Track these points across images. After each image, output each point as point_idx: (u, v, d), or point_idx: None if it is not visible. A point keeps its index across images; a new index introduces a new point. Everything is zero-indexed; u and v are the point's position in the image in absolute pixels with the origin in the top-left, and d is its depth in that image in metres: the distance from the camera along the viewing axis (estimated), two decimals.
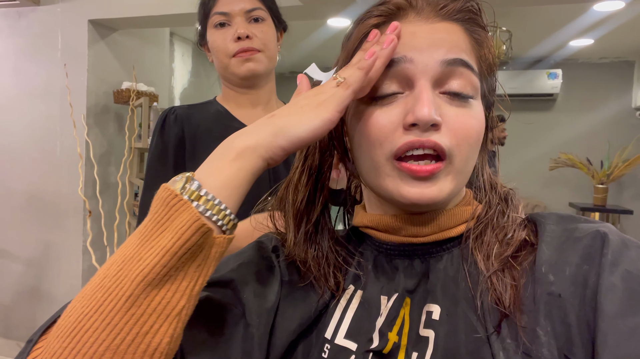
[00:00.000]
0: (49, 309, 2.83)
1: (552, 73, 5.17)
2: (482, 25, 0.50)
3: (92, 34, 2.71)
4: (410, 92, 0.46)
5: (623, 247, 0.41)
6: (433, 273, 0.49)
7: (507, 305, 0.43)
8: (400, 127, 0.46)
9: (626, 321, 0.37)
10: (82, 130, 2.65)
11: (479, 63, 0.49)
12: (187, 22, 2.74)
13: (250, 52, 1.00)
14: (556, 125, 5.37)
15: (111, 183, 2.84)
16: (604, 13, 3.70)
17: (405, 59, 0.46)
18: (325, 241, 0.55)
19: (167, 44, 3.43)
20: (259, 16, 1.02)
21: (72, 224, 2.75)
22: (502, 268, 0.45)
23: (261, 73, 1.04)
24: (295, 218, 0.55)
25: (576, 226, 0.45)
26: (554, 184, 5.38)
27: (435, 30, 0.47)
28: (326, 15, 2.49)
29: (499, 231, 0.49)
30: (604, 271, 0.40)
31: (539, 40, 4.65)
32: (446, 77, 0.46)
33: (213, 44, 1.03)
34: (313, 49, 5.14)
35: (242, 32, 0.99)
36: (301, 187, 0.55)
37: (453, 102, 0.46)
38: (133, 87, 2.72)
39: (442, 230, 0.50)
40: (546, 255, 0.44)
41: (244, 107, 1.07)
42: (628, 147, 4.90)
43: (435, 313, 0.46)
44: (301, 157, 0.56)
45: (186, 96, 4.64)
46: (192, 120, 1.04)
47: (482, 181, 0.54)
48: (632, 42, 4.63)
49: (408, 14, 0.48)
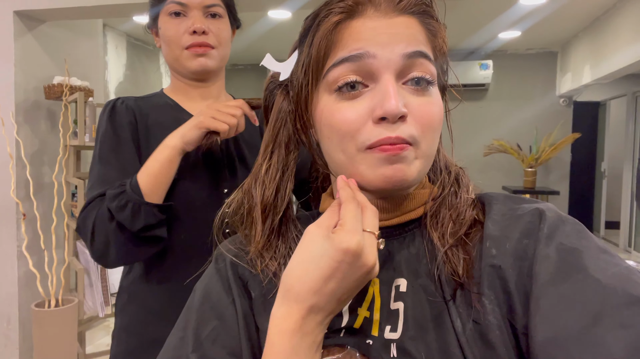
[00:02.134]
0: None
1: (484, 64, 5.42)
2: (435, 17, 0.53)
3: (19, 25, 2.55)
4: (374, 85, 0.49)
5: (559, 222, 0.46)
6: (397, 252, 0.53)
7: (461, 275, 0.47)
8: (370, 120, 0.48)
9: (557, 288, 0.42)
10: (12, 128, 2.49)
11: (434, 52, 0.53)
12: (120, 14, 2.64)
13: (204, 47, 0.99)
14: (489, 113, 5.66)
15: (45, 183, 2.70)
16: (530, 7, 3.92)
17: (368, 55, 0.48)
18: (290, 233, 0.57)
19: (100, 35, 3.28)
20: (216, 12, 1.01)
21: (4, 228, 2.60)
22: (456, 244, 0.50)
23: (213, 69, 1.03)
24: (263, 212, 0.56)
25: (520, 205, 0.50)
26: (488, 169, 5.67)
27: (394, 25, 0.50)
28: (265, 7, 2.48)
29: (452, 212, 0.53)
30: (540, 244, 0.45)
31: (471, 33, 4.87)
32: (407, 69, 0.49)
33: (165, 32, 1.00)
34: (253, 40, 5.09)
35: (199, 27, 0.97)
36: (268, 182, 0.57)
37: (415, 91, 0.49)
38: (65, 81, 2.59)
39: (404, 213, 0.54)
40: (491, 231, 0.49)
41: (194, 100, 1.06)
42: (553, 132, 5.25)
43: (403, 286, 0.50)
44: (267, 153, 0.58)
45: (122, 90, 4.46)
46: (142, 111, 1.01)
47: (438, 160, 0.58)
48: (556, 34, 4.95)
49: (367, 9, 0.50)
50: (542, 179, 5.58)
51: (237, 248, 0.59)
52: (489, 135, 5.45)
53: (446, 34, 0.55)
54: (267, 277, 0.56)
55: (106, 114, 1.00)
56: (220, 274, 0.58)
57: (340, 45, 0.50)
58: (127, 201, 0.88)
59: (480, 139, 5.43)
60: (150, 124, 1.01)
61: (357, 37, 0.49)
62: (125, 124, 0.99)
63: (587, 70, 4.53)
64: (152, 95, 1.08)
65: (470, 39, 5.10)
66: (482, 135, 5.46)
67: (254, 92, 6.27)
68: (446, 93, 0.57)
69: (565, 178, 5.63)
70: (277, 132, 0.58)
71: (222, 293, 0.56)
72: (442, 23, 0.55)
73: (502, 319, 0.45)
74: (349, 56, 0.48)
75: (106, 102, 1.03)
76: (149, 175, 0.90)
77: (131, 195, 0.88)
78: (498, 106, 5.66)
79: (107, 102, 1.03)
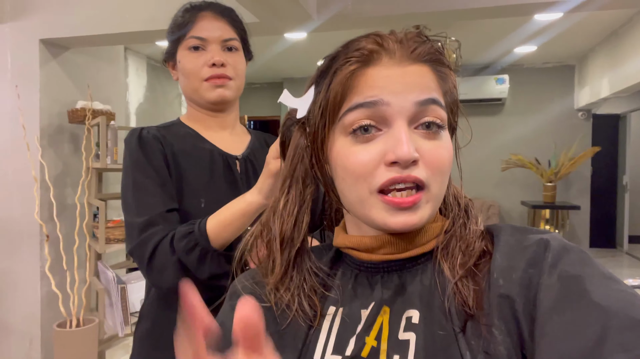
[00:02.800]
0: (7, 338, 2.72)
1: (500, 79, 5.41)
2: (446, 64, 0.56)
3: (44, 53, 2.64)
4: (387, 129, 0.51)
5: (564, 252, 0.48)
6: (410, 284, 0.54)
7: (471, 306, 0.48)
8: (382, 164, 0.51)
9: (561, 314, 0.43)
10: (36, 152, 2.57)
11: (445, 96, 0.55)
12: (141, 40, 2.72)
13: (223, 79, 1.03)
14: (505, 127, 5.63)
15: (68, 205, 2.76)
16: (545, 22, 3.92)
17: (382, 102, 0.50)
18: (305, 264, 0.59)
19: (122, 60, 3.37)
20: (233, 46, 1.05)
21: (28, 249, 2.66)
22: (466, 275, 0.51)
23: (230, 100, 1.07)
24: (281, 245, 0.58)
25: (526, 236, 0.52)
26: (506, 184, 5.62)
27: (407, 73, 0.52)
28: (282, 31, 2.53)
29: (462, 243, 0.54)
30: (544, 273, 0.46)
31: (486, 48, 4.87)
32: (419, 114, 0.51)
33: (185, 66, 1.04)
34: (269, 60, 5.17)
35: (218, 60, 1.01)
36: (287, 216, 0.59)
37: (426, 135, 0.52)
38: (88, 105, 2.67)
39: (416, 247, 0.55)
40: (498, 263, 0.50)
41: (213, 129, 1.09)
42: (573, 146, 5.19)
43: (415, 318, 0.52)
44: (284, 187, 0.60)
45: (142, 111, 4.56)
46: (167, 140, 1.03)
47: (448, 194, 0.60)
48: (572, 47, 4.92)
49: (382, 58, 0.53)
50: (562, 194, 5.50)
51: (252, 284, 0.61)
52: (507, 150, 5.41)
53: (461, 49, 0.57)
54: (280, 309, 0.57)
55: (134, 143, 1.01)
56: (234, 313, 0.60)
57: (356, 91, 0.52)
58: (196, 245, 0.88)
59: (497, 154, 5.39)
60: (176, 152, 1.03)
61: (372, 85, 0.51)
62: (156, 151, 1.00)
63: (605, 83, 4.48)
64: (171, 124, 1.11)
65: (485, 53, 5.11)
66: (499, 150, 5.43)
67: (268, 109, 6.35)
68: (456, 133, 0.59)
69: (586, 192, 5.54)
70: (294, 167, 0.60)
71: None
72: (455, 39, 0.56)
73: (513, 349, 0.45)
74: (364, 102, 0.51)
75: (130, 131, 1.04)
76: (219, 222, 0.89)
77: (199, 238, 0.88)
78: (515, 120, 5.63)
79: (132, 131, 1.04)
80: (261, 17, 2.25)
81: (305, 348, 0.55)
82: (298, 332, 0.56)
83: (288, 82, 6.28)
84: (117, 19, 2.49)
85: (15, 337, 2.70)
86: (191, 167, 0.99)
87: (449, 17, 2.36)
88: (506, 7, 2.22)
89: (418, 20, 2.93)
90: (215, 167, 1.04)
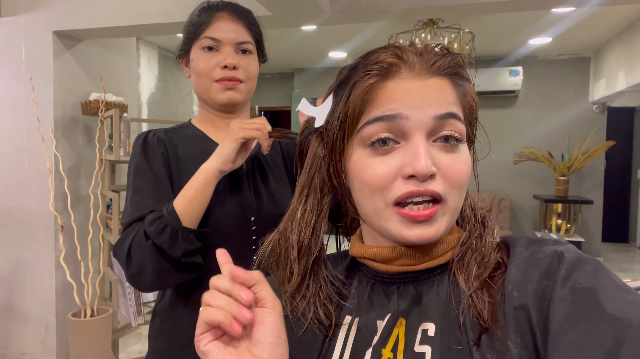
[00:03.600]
0: (22, 326, 2.78)
1: (514, 71, 5.35)
2: (466, 78, 0.56)
3: (57, 45, 2.66)
4: (406, 143, 0.51)
5: (578, 263, 0.47)
6: (426, 296, 0.55)
7: (486, 319, 0.48)
8: (399, 177, 0.51)
9: (574, 327, 0.43)
10: (51, 143, 2.60)
11: (464, 110, 0.55)
12: (154, 32, 2.72)
13: (234, 81, 1.03)
14: (518, 120, 5.57)
15: (82, 196, 2.79)
16: (561, 13, 3.86)
17: (401, 116, 0.50)
18: (322, 272, 0.59)
19: (134, 51, 3.38)
20: (247, 49, 1.05)
21: (43, 239, 2.70)
22: (481, 287, 0.51)
23: (239, 102, 1.07)
24: (298, 254, 0.59)
25: (540, 248, 0.52)
26: (518, 177, 5.57)
27: (426, 86, 0.52)
28: (295, 24, 2.52)
29: (477, 255, 0.54)
30: (557, 285, 0.46)
31: (500, 40, 4.81)
32: (438, 128, 0.51)
33: (197, 64, 1.04)
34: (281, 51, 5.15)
35: (230, 63, 1.02)
36: (304, 225, 0.59)
37: (445, 148, 0.52)
38: (101, 98, 2.69)
39: (433, 259, 0.55)
40: (513, 275, 0.50)
41: (221, 131, 1.10)
42: (587, 140, 5.12)
43: (431, 330, 0.52)
44: (302, 196, 0.60)
45: (154, 101, 4.58)
46: (172, 142, 1.06)
47: (465, 206, 0.60)
48: (588, 39, 4.84)
49: (402, 71, 0.52)
50: (575, 188, 5.45)
51: None
52: (519, 143, 5.36)
53: (475, 40, 0.56)
54: (295, 317, 0.58)
55: (139, 146, 1.04)
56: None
57: (375, 104, 0.52)
58: (165, 226, 0.91)
59: (510, 147, 5.34)
60: (180, 155, 1.05)
61: (391, 98, 0.51)
62: (157, 156, 1.02)
63: (621, 76, 4.41)
64: (181, 127, 1.12)
65: (499, 45, 5.04)
66: (512, 143, 5.38)
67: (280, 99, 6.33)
68: (474, 144, 0.59)
69: (599, 186, 5.48)
70: (312, 177, 0.60)
71: None
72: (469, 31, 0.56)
73: None
74: (383, 116, 0.51)
75: (138, 135, 1.07)
76: (184, 199, 0.93)
77: (169, 220, 0.91)
78: (528, 113, 5.57)
79: (139, 134, 1.07)
80: (274, 11, 2.24)
81: (321, 357, 0.56)
82: (314, 342, 0.56)
83: (298, 72, 6.26)
84: (131, 11, 2.49)
85: (31, 325, 2.76)
86: (194, 168, 1.00)
87: (463, 11, 2.32)
88: (522, 0, 2.19)
89: (431, 13, 2.90)
90: None
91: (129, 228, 0.96)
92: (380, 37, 4.30)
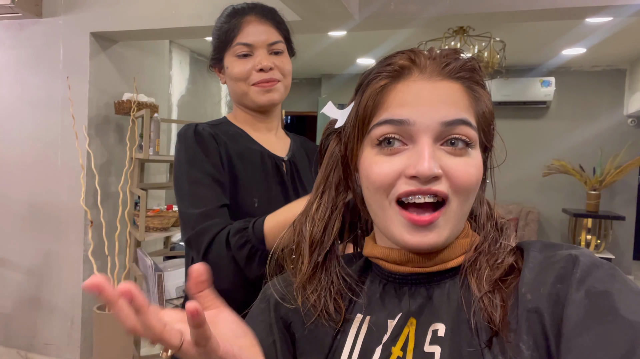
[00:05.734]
0: (50, 318, 2.86)
1: (545, 81, 5.24)
2: (480, 83, 0.55)
3: (94, 46, 2.75)
4: (412, 145, 0.52)
5: (593, 267, 0.47)
6: (437, 297, 0.55)
7: (496, 323, 0.48)
8: (403, 176, 0.52)
9: (588, 330, 0.42)
10: (84, 141, 2.68)
11: (477, 117, 0.54)
12: (187, 36, 2.79)
13: (272, 82, 1.05)
14: (549, 132, 5.45)
15: (111, 192, 2.87)
16: (596, 23, 3.77)
17: (408, 122, 0.51)
18: (334, 267, 0.61)
19: (167, 54, 3.46)
20: (279, 49, 1.07)
21: (73, 234, 2.78)
22: (492, 290, 0.51)
23: (279, 102, 1.10)
24: (310, 246, 0.60)
25: (555, 252, 0.51)
26: (547, 190, 5.45)
27: (437, 89, 0.52)
28: (324, 30, 2.54)
29: (489, 257, 0.54)
30: (572, 288, 0.46)
31: (532, 49, 4.73)
32: (446, 133, 0.51)
33: (233, 71, 1.06)
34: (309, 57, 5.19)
35: (266, 65, 1.04)
36: (318, 219, 0.61)
37: (452, 152, 0.52)
38: (134, 98, 2.76)
39: (444, 262, 0.56)
40: (527, 279, 0.50)
41: (260, 131, 1.12)
42: (620, 154, 4.98)
43: (441, 331, 0.52)
44: (318, 192, 0.62)
45: (184, 103, 4.67)
46: (219, 138, 1.05)
47: (481, 213, 0.60)
48: (624, 51, 4.71)
49: (413, 72, 0.53)
50: (607, 203, 5.29)
51: (283, 286, 0.63)
52: (549, 155, 5.25)
53: (506, 49, 0.56)
54: (306, 308, 0.59)
55: (191, 138, 1.02)
56: (263, 316, 0.62)
57: (385, 106, 0.53)
58: (246, 241, 0.89)
59: (539, 159, 5.24)
60: (229, 151, 1.04)
61: (401, 102, 0.52)
62: (212, 148, 1.02)
63: None
64: (219, 122, 1.12)
65: (531, 55, 4.96)
66: (542, 155, 5.27)
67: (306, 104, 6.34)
68: (491, 153, 0.59)
69: (632, 202, 5.30)
70: (328, 174, 0.62)
71: (263, 334, 0.60)
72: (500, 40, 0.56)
73: None
74: (391, 119, 0.52)
75: (185, 126, 1.06)
76: (276, 221, 0.89)
77: (251, 236, 0.89)
78: (559, 125, 5.44)
79: (186, 126, 1.06)
80: (303, 16, 2.27)
81: (331, 353, 0.56)
82: (325, 338, 0.57)
83: (326, 78, 6.29)
84: (165, 15, 2.56)
85: (58, 316, 2.84)
86: (245, 167, 1.01)
87: (494, 19, 2.30)
88: (555, 10, 2.15)
89: (462, 21, 2.88)
90: (266, 168, 1.06)
91: (204, 224, 0.94)
92: (409, 44, 4.28)
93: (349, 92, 0.59)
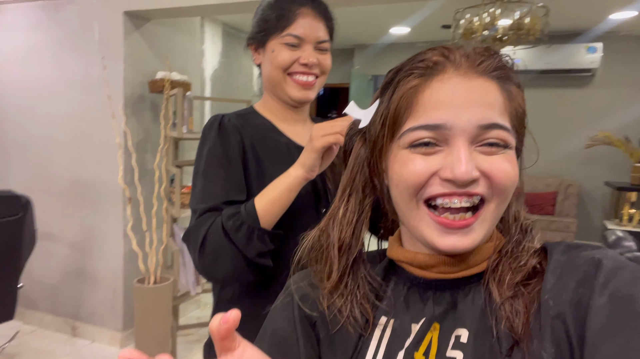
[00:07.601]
0: (93, 288, 3.01)
1: (592, 47, 4.97)
2: (514, 82, 0.53)
3: (127, 24, 2.77)
4: (448, 147, 0.50)
5: (616, 270, 0.45)
6: (461, 303, 0.54)
7: (517, 331, 0.47)
8: (437, 177, 0.50)
9: (612, 337, 0.41)
10: (121, 120, 2.74)
11: (511, 117, 0.52)
12: (218, 12, 2.77)
13: (311, 81, 1.06)
14: (594, 101, 5.20)
15: (148, 170, 2.94)
16: None
17: (445, 127, 0.49)
18: (361, 272, 0.60)
19: (199, 29, 3.46)
20: (325, 47, 1.07)
21: (113, 210, 2.89)
22: (514, 295, 0.50)
23: (311, 100, 1.10)
24: (339, 252, 0.60)
25: (578, 254, 0.49)
26: (589, 162, 5.25)
27: (472, 88, 0.50)
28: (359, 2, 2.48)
29: (512, 261, 0.53)
30: (595, 293, 0.44)
31: (578, 14, 4.47)
32: (482, 135, 0.50)
33: (277, 56, 1.05)
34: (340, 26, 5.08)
35: (312, 62, 1.04)
36: (346, 224, 0.60)
37: (489, 152, 0.50)
38: (167, 76, 2.79)
39: (470, 267, 0.55)
40: (549, 283, 0.48)
41: (288, 123, 1.11)
42: None
43: (464, 337, 0.51)
44: (344, 196, 0.61)
45: (217, 77, 4.69)
46: (245, 130, 1.05)
47: (507, 214, 0.58)
48: None
49: (447, 69, 0.51)
50: None
51: (307, 285, 0.63)
52: (594, 126, 5.03)
53: (550, 14, 0.53)
54: (332, 313, 0.59)
55: (214, 131, 1.03)
56: (287, 312, 0.62)
57: (418, 108, 0.51)
58: (242, 223, 0.91)
59: (582, 130, 5.03)
60: (254, 143, 1.04)
61: (436, 104, 0.50)
62: (234, 143, 1.02)
63: None
64: (246, 113, 1.12)
65: (576, 19, 4.69)
66: (585, 126, 5.06)
67: (340, 75, 6.23)
68: (522, 155, 0.57)
69: None
70: (354, 177, 0.61)
71: (287, 332, 0.60)
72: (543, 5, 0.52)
73: None
74: (427, 124, 0.50)
75: (212, 118, 1.06)
76: (267, 200, 0.93)
77: (246, 217, 0.91)
78: (605, 94, 5.18)
79: (213, 117, 1.06)
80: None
81: (355, 355, 0.57)
82: (349, 339, 0.57)
83: (359, 48, 6.16)
84: None
85: (101, 287, 2.98)
86: (270, 158, 1.01)
87: None
88: None
89: None
90: (292, 159, 1.04)
91: (203, 216, 0.96)
92: (444, 12, 4.13)
93: (382, 63, 0.57)
